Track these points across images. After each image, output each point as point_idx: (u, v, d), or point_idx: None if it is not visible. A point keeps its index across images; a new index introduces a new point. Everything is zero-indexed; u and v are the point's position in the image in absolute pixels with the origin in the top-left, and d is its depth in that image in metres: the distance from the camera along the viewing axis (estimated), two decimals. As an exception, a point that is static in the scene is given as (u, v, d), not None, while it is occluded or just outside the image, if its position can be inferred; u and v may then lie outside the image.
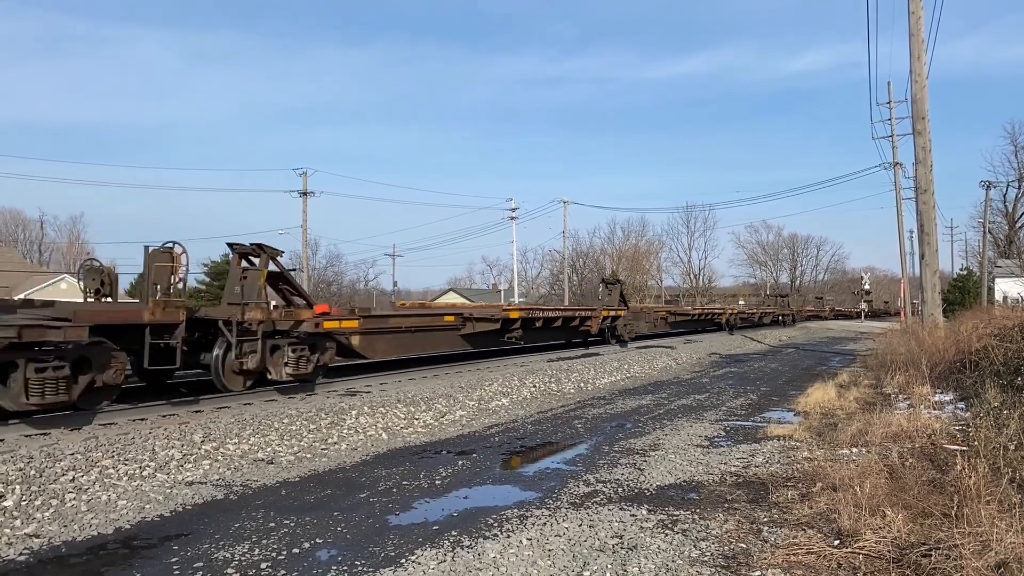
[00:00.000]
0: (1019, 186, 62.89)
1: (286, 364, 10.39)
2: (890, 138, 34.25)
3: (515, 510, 5.57)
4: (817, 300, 74.72)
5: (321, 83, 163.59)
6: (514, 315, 16.51)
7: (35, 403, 7.40)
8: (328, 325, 11.34)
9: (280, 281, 11.58)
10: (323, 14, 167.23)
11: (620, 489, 6.18)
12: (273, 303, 11.93)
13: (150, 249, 10.16)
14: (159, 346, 8.96)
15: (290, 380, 10.62)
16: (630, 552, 4.54)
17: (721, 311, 35.53)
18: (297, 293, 11.84)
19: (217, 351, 9.88)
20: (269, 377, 10.48)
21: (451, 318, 15.29)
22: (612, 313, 21.96)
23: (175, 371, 9.96)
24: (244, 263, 11.26)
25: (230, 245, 11.33)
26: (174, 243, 10.23)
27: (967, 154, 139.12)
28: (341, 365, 13.66)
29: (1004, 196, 65.67)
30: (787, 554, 4.37)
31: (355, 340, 12.17)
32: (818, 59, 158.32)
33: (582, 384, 14.15)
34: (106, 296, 10.13)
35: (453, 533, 5.00)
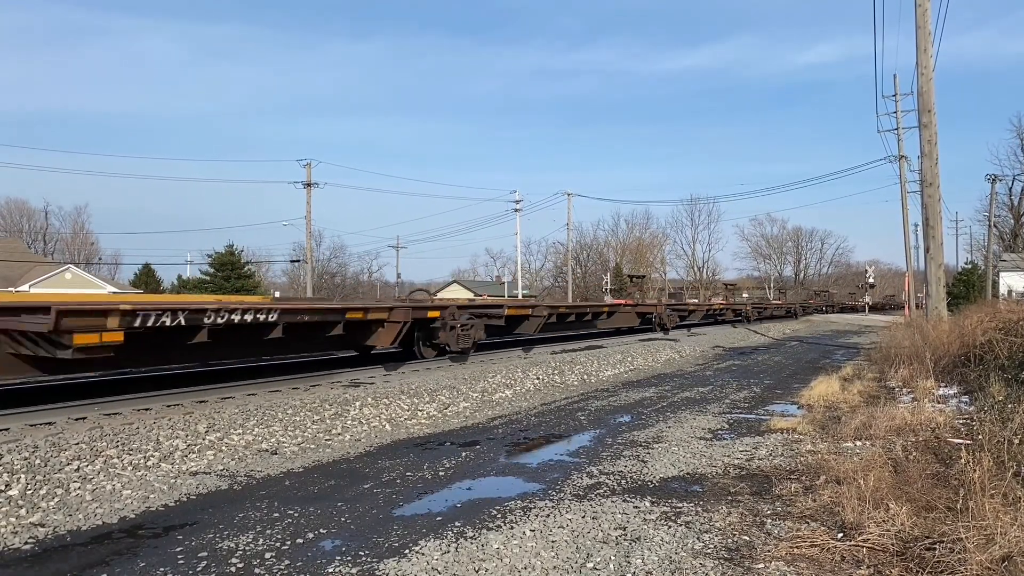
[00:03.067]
0: (1025, 180, 62.64)
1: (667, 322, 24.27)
2: (895, 131, 34.12)
3: (519, 501, 5.58)
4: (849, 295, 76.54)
5: (327, 75, 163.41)
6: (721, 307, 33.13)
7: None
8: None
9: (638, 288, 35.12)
10: (329, 6, 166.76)
11: (623, 481, 6.18)
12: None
13: (633, 278, 39.36)
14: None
15: (671, 328, 24.67)
16: (633, 544, 4.54)
17: (792, 304, 50.77)
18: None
19: (653, 318, 23.89)
20: (666, 327, 24.37)
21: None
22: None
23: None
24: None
25: (630, 276, 32.73)
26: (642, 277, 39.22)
27: (973, 148, 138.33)
28: (343, 356, 13.85)
29: (1010, 190, 65.49)
30: (791, 547, 4.37)
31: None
32: (826, 53, 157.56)
33: (585, 376, 14.15)
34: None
35: (457, 524, 5.01)
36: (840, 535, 4.54)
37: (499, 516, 5.18)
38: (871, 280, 69.20)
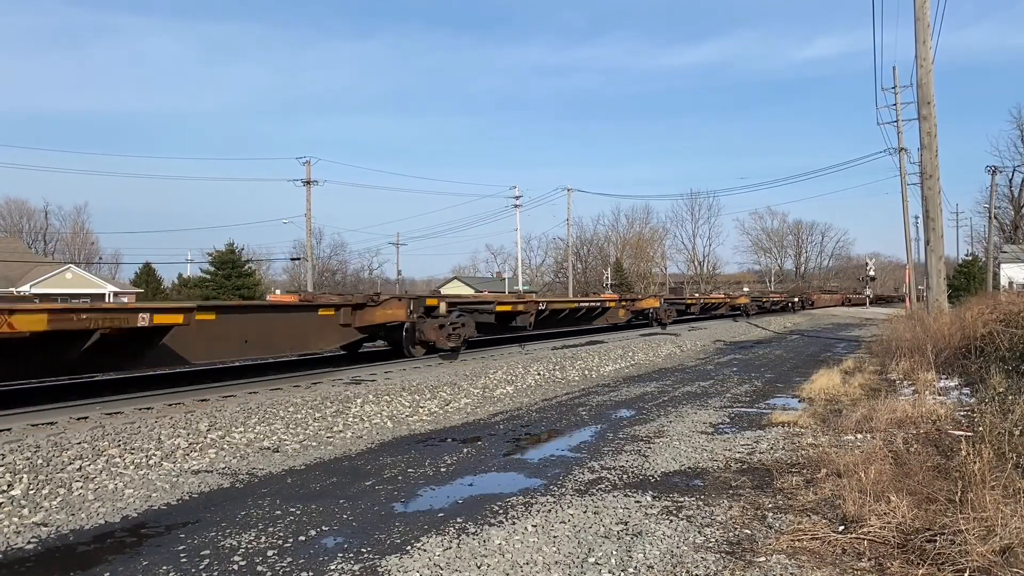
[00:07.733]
0: (1025, 171, 62.52)
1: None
2: (895, 124, 34.06)
3: (520, 497, 5.59)
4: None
5: (328, 73, 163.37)
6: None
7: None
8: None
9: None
10: (331, 5, 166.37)
11: (625, 476, 6.19)
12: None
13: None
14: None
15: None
16: (635, 538, 4.55)
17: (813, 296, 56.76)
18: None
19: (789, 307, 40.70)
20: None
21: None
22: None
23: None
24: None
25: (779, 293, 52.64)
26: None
27: (973, 140, 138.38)
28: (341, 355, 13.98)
29: (1010, 181, 65.40)
30: (792, 540, 4.38)
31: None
32: (826, 47, 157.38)
33: (586, 372, 14.16)
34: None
35: (458, 520, 5.02)
36: (841, 528, 4.55)
37: (501, 512, 5.19)
38: (872, 273, 69.30)
